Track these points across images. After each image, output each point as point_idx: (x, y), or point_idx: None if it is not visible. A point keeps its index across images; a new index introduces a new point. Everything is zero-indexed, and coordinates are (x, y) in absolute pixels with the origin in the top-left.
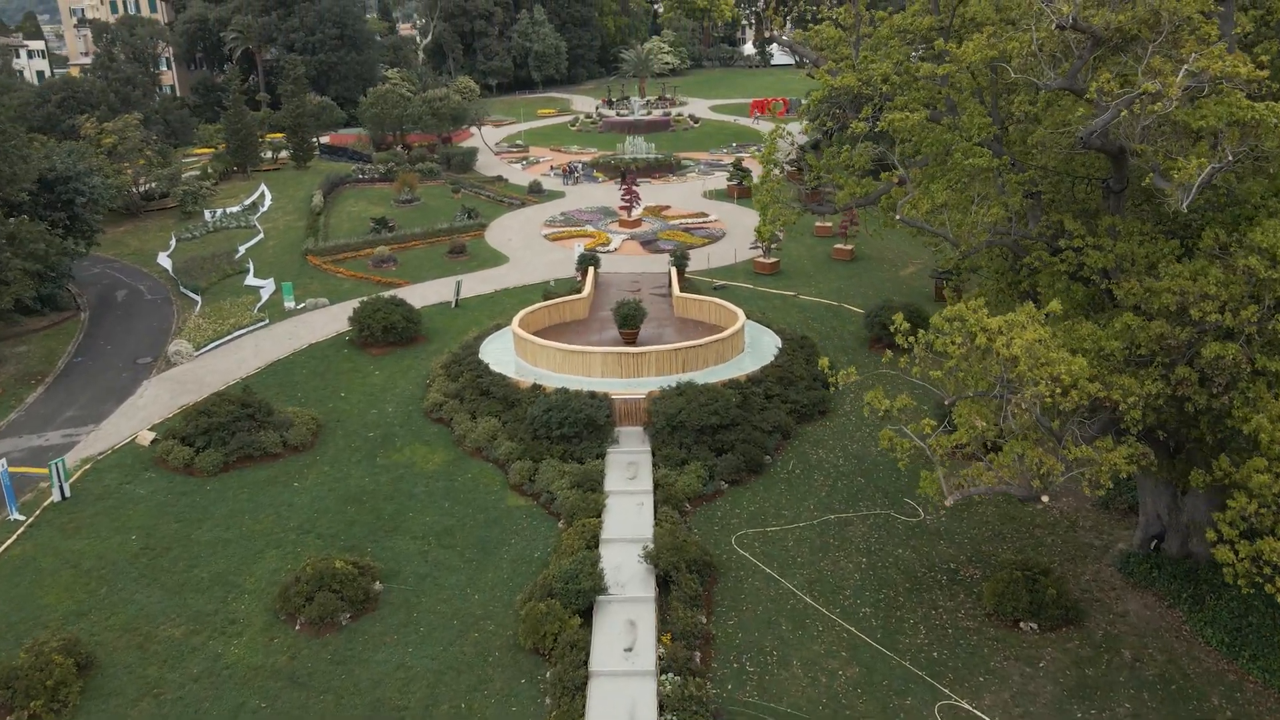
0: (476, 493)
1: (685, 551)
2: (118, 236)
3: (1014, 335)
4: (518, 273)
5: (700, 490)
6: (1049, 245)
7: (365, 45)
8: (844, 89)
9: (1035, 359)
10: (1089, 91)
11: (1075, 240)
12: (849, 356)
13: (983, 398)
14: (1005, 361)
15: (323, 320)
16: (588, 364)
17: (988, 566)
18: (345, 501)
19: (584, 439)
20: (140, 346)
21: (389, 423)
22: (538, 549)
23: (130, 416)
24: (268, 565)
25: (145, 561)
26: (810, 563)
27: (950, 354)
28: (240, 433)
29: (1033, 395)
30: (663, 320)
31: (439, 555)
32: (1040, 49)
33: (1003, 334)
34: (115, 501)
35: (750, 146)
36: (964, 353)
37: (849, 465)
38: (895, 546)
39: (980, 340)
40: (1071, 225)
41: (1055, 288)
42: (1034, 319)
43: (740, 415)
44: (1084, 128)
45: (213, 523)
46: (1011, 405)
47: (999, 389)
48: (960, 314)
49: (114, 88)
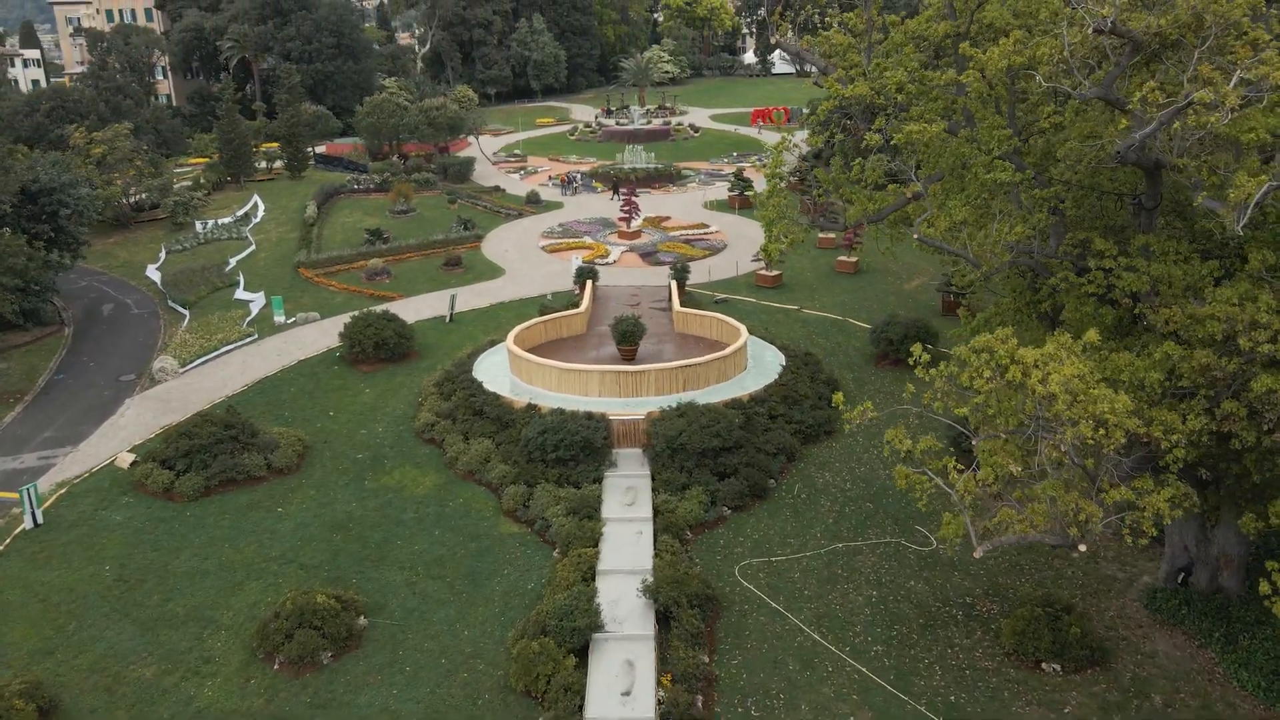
0: (468, 519)
1: (686, 585)
2: (107, 248)
3: (1050, 370)
4: (514, 286)
5: (702, 517)
6: (1074, 265)
7: (363, 54)
8: (856, 98)
9: (1074, 396)
10: (1132, 102)
11: (1105, 261)
12: (855, 374)
13: (1013, 436)
14: (1041, 399)
15: (313, 335)
16: (585, 383)
17: (1006, 601)
18: (331, 529)
19: (580, 462)
20: (125, 363)
21: (379, 444)
22: (531, 580)
23: (110, 437)
24: (247, 598)
25: (118, 594)
26: (818, 595)
27: (978, 388)
28: (223, 455)
29: (1073, 436)
30: (662, 336)
31: (427, 587)
32: (1071, 55)
33: (1038, 368)
34: (90, 529)
35: (751, 156)
36: (993, 387)
37: (857, 490)
38: (907, 578)
39: (1013, 374)
40: (1102, 244)
41: (1083, 311)
42: (1070, 351)
43: (743, 437)
44: (1122, 140)
45: (191, 552)
46: (1047, 446)
47: (1032, 428)
48: (989, 345)
49: (104, 97)
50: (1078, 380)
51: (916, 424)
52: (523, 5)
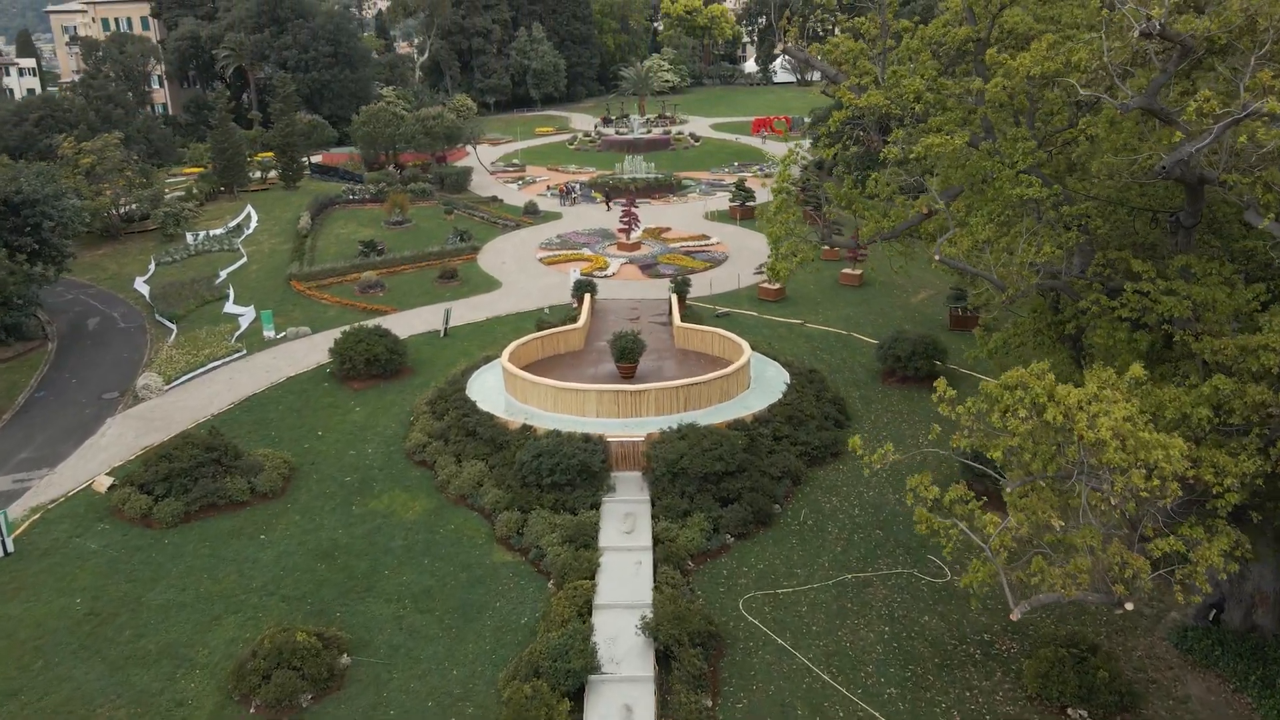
0: (459, 547)
1: (688, 622)
2: (96, 260)
3: (1097, 411)
4: (511, 299)
5: (704, 546)
6: (1105, 287)
7: (360, 63)
8: (871, 108)
9: (1123, 440)
10: (1186, 112)
11: (1143, 284)
12: (861, 391)
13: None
14: (1088, 446)
15: (304, 350)
16: (582, 403)
17: (1026, 639)
18: (315, 557)
19: (577, 487)
20: (108, 380)
21: (368, 465)
22: (524, 614)
23: (89, 459)
24: (224, 634)
25: (88, 630)
26: (827, 631)
27: (1011, 429)
28: (204, 479)
29: (1124, 488)
30: (663, 352)
31: (415, 621)
32: (1110, 61)
33: (1083, 410)
34: (62, 558)
35: (753, 166)
36: (1029, 428)
37: (865, 516)
38: (920, 613)
39: (1053, 416)
40: (1139, 266)
41: (1116, 337)
42: (1114, 386)
43: (747, 460)
44: (1170, 155)
45: (167, 583)
46: (1093, 496)
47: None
48: (1023, 380)
49: (94, 106)
50: (1127, 423)
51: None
52: (522, 14)
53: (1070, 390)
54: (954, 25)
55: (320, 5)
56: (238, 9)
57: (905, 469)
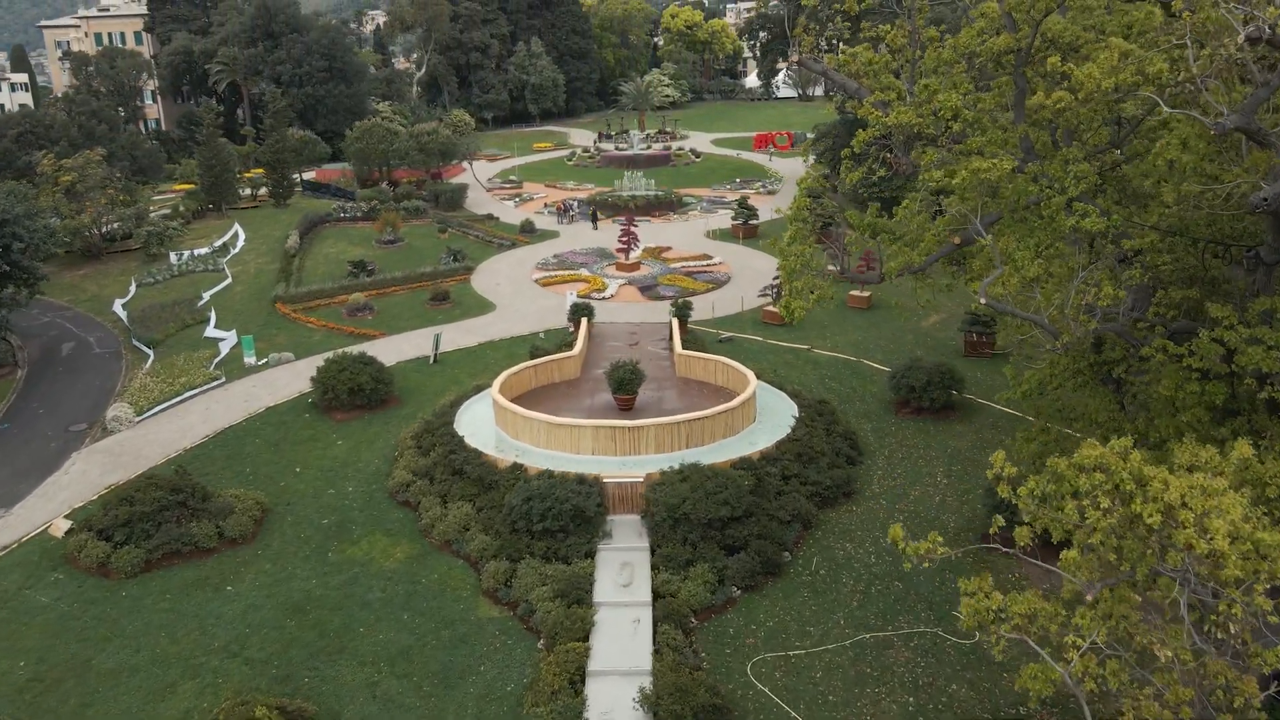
0: (442, 600)
1: (692, 695)
2: (76, 281)
3: (1205, 506)
4: (505, 322)
5: (708, 600)
6: (1168, 330)
7: (355, 78)
8: (900, 127)
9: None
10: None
11: (1221, 331)
12: (874, 423)
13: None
14: (1201, 558)
15: (286, 378)
16: (576, 439)
17: (1068, 713)
18: (285, 612)
19: (570, 534)
20: (78, 410)
21: (347, 506)
22: (511, 679)
23: (50, 498)
24: (178, 704)
25: (29, 699)
26: (845, 702)
27: (1090, 522)
28: (167, 524)
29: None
30: (663, 381)
31: (390, 688)
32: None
33: (1188, 508)
34: (10, 613)
35: (755, 182)
36: (1112, 523)
37: (882, 565)
38: (948, 680)
39: (1148, 514)
40: (1218, 310)
41: (1187, 390)
42: (1219, 473)
43: (754, 504)
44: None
45: (121, 642)
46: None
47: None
48: (1104, 462)
49: (77, 121)
50: (1245, 524)
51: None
52: (521, 29)
53: (1165, 477)
54: (990, 34)
55: (315, 20)
56: (231, 23)
57: (919, 504)
